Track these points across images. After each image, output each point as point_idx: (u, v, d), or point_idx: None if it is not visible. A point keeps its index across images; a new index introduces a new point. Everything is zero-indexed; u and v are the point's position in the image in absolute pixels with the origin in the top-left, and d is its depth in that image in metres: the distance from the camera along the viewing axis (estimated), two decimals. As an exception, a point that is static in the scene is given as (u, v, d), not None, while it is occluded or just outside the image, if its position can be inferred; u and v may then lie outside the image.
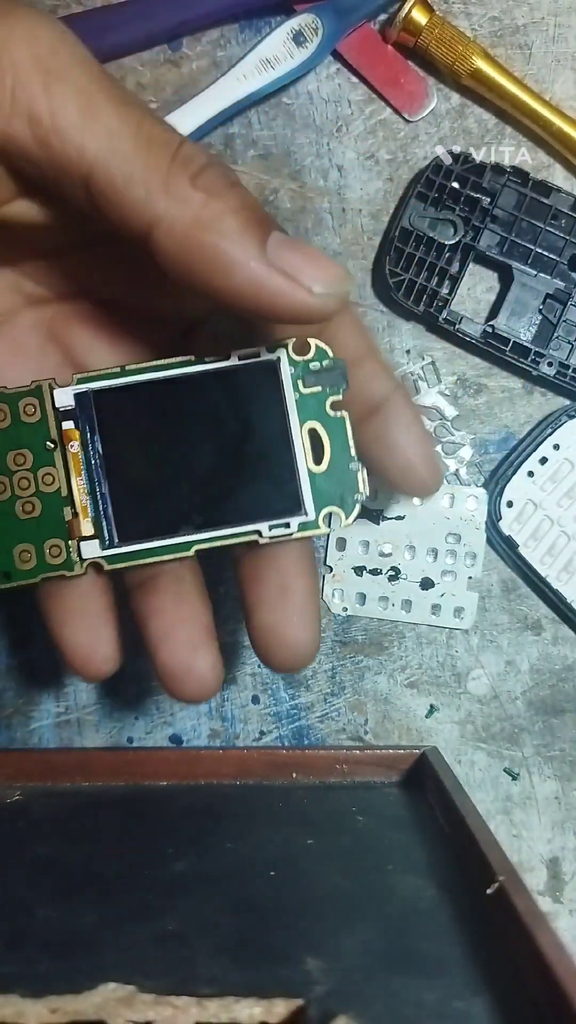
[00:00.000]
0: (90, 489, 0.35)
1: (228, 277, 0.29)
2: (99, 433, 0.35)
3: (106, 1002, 0.26)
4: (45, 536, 0.36)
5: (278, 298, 0.29)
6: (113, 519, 0.35)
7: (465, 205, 0.46)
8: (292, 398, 0.35)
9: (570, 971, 0.26)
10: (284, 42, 0.45)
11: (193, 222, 0.29)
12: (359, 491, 0.36)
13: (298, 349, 0.35)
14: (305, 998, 0.27)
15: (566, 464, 0.48)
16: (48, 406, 0.35)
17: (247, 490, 0.36)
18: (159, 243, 0.29)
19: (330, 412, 0.35)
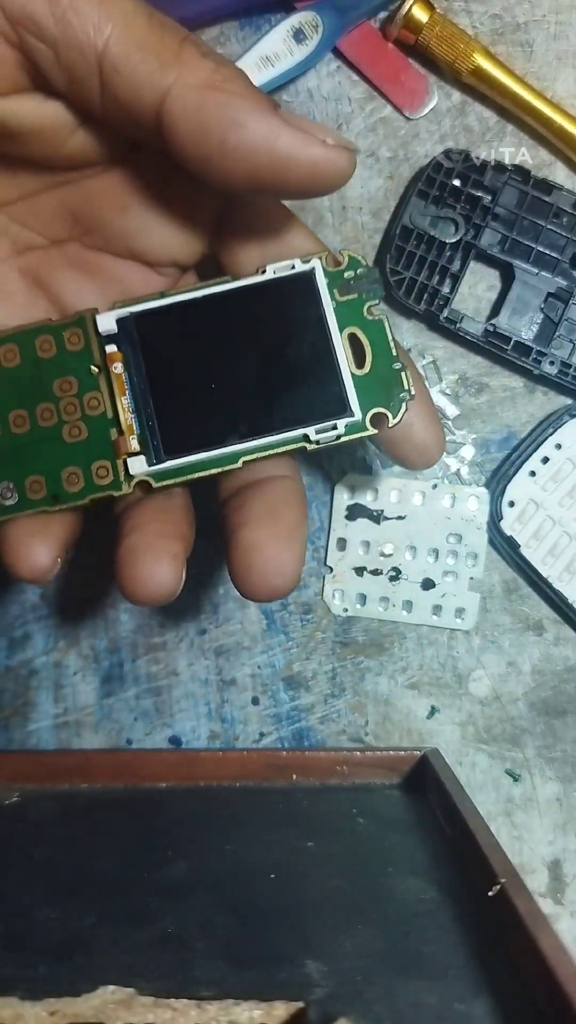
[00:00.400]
0: (135, 407, 0.36)
1: (244, 130, 0.30)
2: (142, 352, 0.36)
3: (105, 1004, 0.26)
4: (92, 458, 0.36)
5: (294, 149, 0.30)
6: (159, 434, 0.36)
7: (466, 203, 0.46)
8: (330, 305, 0.36)
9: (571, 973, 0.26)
10: (284, 39, 0.45)
11: (206, 83, 0.30)
12: (405, 389, 0.36)
13: (330, 262, 0.36)
14: (305, 1000, 0.27)
15: (568, 464, 0.48)
16: (91, 333, 0.36)
17: (292, 396, 0.36)
18: (173, 109, 0.30)
19: (368, 316, 0.36)
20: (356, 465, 0.50)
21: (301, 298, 0.36)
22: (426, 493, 0.49)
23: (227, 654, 0.50)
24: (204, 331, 0.36)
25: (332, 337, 0.35)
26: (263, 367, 0.36)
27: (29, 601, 0.51)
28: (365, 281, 0.36)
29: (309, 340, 0.36)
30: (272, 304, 0.36)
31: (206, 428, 0.36)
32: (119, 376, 0.36)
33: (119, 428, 0.36)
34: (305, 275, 0.35)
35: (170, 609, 0.50)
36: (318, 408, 0.36)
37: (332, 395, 0.36)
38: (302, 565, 0.35)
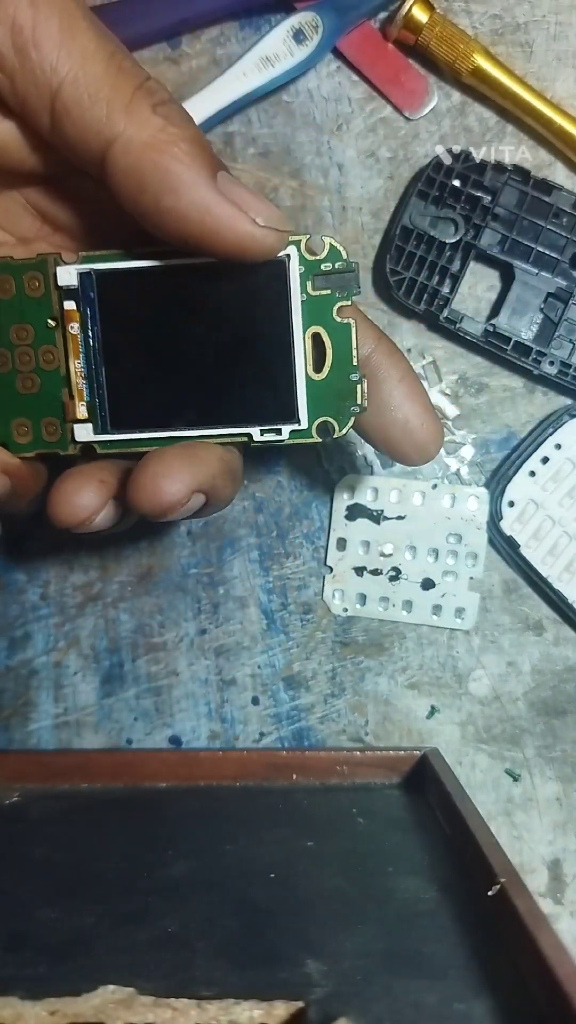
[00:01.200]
0: (87, 373, 0.36)
1: (177, 198, 0.30)
2: (99, 317, 0.35)
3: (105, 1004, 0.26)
4: (43, 413, 0.36)
5: (223, 223, 0.31)
6: (108, 405, 0.36)
7: (466, 203, 0.46)
8: (298, 300, 0.35)
9: (571, 973, 0.26)
10: (284, 40, 0.45)
11: (149, 142, 0.30)
12: (357, 403, 0.35)
13: (311, 248, 0.34)
14: (305, 1000, 0.27)
15: (568, 464, 0.48)
16: (51, 281, 0.35)
17: (242, 391, 0.35)
18: (114, 161, 0.31)
19: (336, 318, 0.35)
20: (356, 465, 0.50)
21: (271, 285, 0.35)
22: (426, 493, 0.49)
23: (227, 654, 0.50)
24: (166, 303, 0.35)
25: (294, 335, 0.35)
26: (219, 353, 0.35)
27: (30, 601, 0.51)
28: (341, 277, 0.35)
29: (271, 333, 0.35)
30: (240, 287, 0.35)
31: (154, 408, 0.36)
32: (75, 337, 0.35)
33: (70, 391, 0.36)
34: (278, 262, 0.34)
35: (170, 609, 0.50)
36: (266, 408, 0.35)
37: (283, 398, 0.35)
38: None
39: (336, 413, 0.35)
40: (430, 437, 0.37)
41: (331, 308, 0.35)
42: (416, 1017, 0.27)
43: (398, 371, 0.37)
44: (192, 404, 0.36)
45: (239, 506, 0.50)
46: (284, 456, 0.50)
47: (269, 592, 0.50)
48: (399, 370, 0.37)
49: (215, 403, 0.35)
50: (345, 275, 0.35)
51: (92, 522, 0.35)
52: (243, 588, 0.50)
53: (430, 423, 0.37)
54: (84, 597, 0.51)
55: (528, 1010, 0.27)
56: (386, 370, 0.37)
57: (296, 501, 0.50)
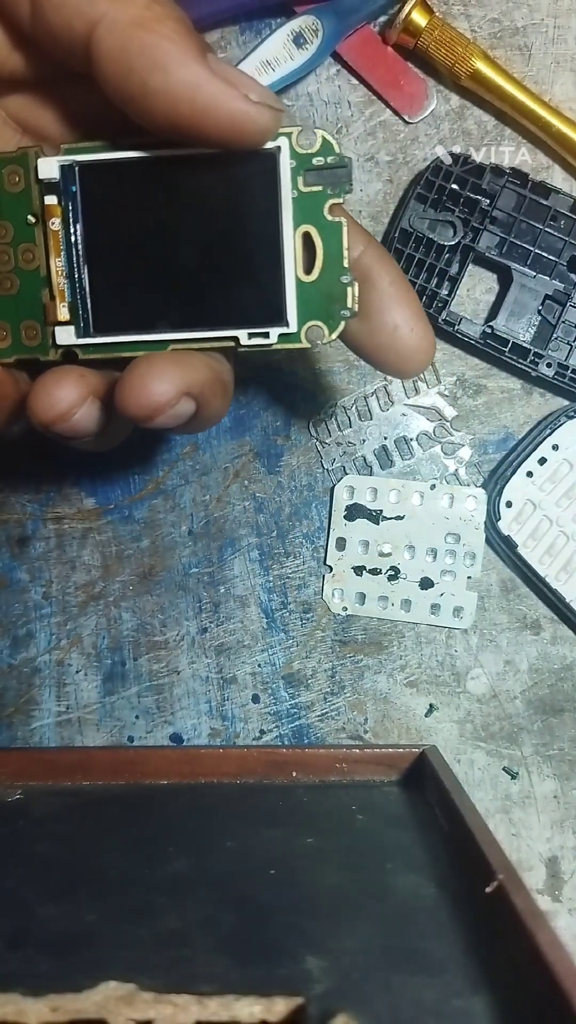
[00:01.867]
0: (68, 272, 0.34)
1: (166, 76, 0.29)
2: (82, 212, 0.34)
3: (107, 1000, 0.26)
4: (22, 316, 0.35)
5: (215, 100, 0.29)
6: (90, 307, 0.34)
7: (464, 206, 0.46)
8: (288, 196, 0.33)
9: (569, 969, 0.26)
10: (284, 44, 0.45)
11: (135, 20, 0.29)
12: (347, 306, 0.33)
13: (302, 141, 0.32)
14: (305, 996, 0.27)
15: (565, 464, 0.48)
16: (32, 176, 0.34)
17: (230, 292, 0.34)
18: (100, 43, 0.29)
19: (328, 216, 0.33)
20: (356, 466, 0.50)
21: (260, 180, 0.32)
22: (424, 493, 0.49)
23: (227, 652, 0.51)
24: (151, 198, 0.33)
25: (283, 234, 0.33)
26: (206, 252, 0.34)
27: (32, 600, 0.51)
28: (333, 173, 0.32)
29: (259, 231, 0.33)
30: (228, 181, 0.33)
31: (138, 309, 0.34)
32: (55, 233, 0.34)
33: (51, 292, 0.34)
34: (268, 155, 0.32)
35: (171, 608, 0.51)
36: (254, 311, 0.34)
37: (271, 300, 0.33)
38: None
39: (326, 317, 0.33)
40: (420, 344, 0.35)
41: (322, 206, 0.33)
42: (415, 1013, 0.27)
43: (388, 275, 0.35)
44: (178, 305, 0.34)
45: (239, 506, 0.50)
46: (284, 456, 0.50)
47: (269, 591, 0.50)
48: (389, 274, 0.35)
49: (202, 304, 0.34)
50: (337, 171, 0.33)
51: (72, 417, 0.33)
52: (243, 587, 0.50)
53: (420, 328, 0.35)
54: (86, 596, 0.51)
55: (526, 1006, 0.27)
56: (376, 273, 0.35)
57: (296, 501, 0.50)
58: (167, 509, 0.51)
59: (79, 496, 0.51)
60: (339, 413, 0.50)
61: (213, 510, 0.50)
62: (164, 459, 0.50)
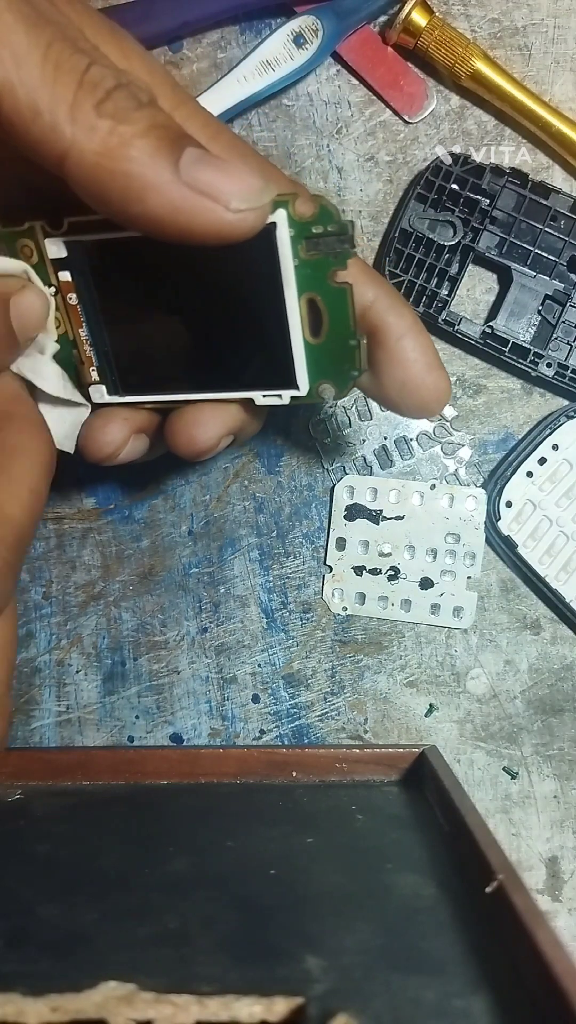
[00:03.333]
0: (92, 340, 0.36)
1: (143, 203, 0.29)
2: (95, 285, 0.35)
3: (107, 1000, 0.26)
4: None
5: (196, 219, 0.29)
6: (116, 371, 0.36)
7: (464, 206, 0.46)
8: (290, 266, 0.33)
9: (569, 969, 0.26)
10: (284, 44, 0.45)
11: (101, 151, 0.28)
12: (356, 367, 0.34)
13: (300, 209, 0.32)
14: (305, 996, 0.27)
15: (565, 464, 0.48)
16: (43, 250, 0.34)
17: (241, 357, 0.35)
18: (72, 173, 0.29)
19: (331, 283, 0.33)
20: (356, 466, 0.50)
21: (260, 253, 0.32)
22: (424, 493, 0.49)
23: (228, 652, 0.51)
24: (160, 270, 0.34)
25: (288, 304, 0.33)
26: (217, 319, 0.35)
27: (32, 600, 0.51)
28: (335, 240, 0.32)
29: (264, 299, 0.33)
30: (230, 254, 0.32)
31: (160, 372, 0.36)
32: (74, 307, 0.35)
33: (80, 357, 0.36)
34: (266, 230, 0.32)
35: (171, 608, 0.51)
36: (265, 374, 0.35)
37: (280, 365, 0.34)
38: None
39: (335, 377, 0.34)
40: (433, 394, 0.36)
41: (325, 272, 0.33)
42: (415, 1013, 0.27)
43: (399, 326, 0.35)
44: (195, 368, 0.36)
45: (239, 506, 0.50)
46: (284, 456, 0.50)
47: (269, 591, 0.50)
48: (400, 326, 0.35)
49: (217, 368, 0.35)
50: (340, 237, 0.32)
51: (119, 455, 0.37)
52: (243, 587, 0.50)
53: (432, 379, 0.35)
54: (86, 596, 0.51)
55: (526, 1006, 0.27)
56: (387, 326, 0.35)
57: (296, 501, 0.50)
58: (167, 509, 0.51)
59: (79, 496, 0.51)
60: (339, 413, 0.50)
61: (213, 510, 0.50)
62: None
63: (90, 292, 0.35)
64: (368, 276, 0.35)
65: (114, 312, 0.35)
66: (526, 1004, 0.27)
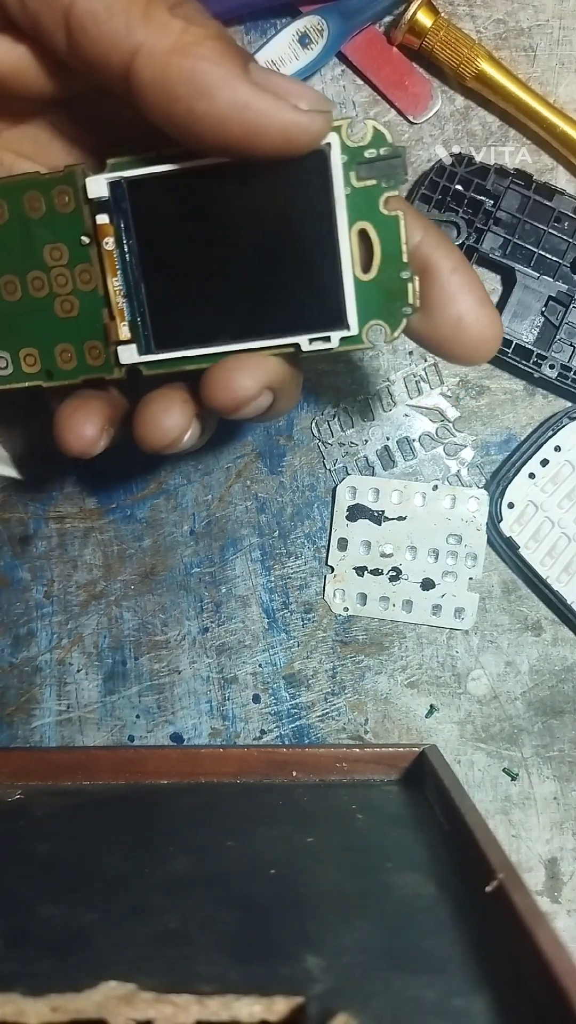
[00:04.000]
0: (126, 291, 0.34)
1: (212, 99, 0.28)
2: (134, 229, 0.33)
3: (107, 1000, 0.26)
4: (85, 337, 0.35)
5: (264, 117, 0.28)
6: (150, 324, 0.34)
7: (468, 207, 0.46)
8: (342, 193, 0.31)
9: (569, 969, 0.26)
10: (290, 44, 0.45)
11: (174, 46, 0.28)
12: (409, 303, 0.32)
13: (352, 134, 0.31)
14: (305, 995, 0.27)
15: (567, 466, 0.48)
16: (81, 195, 0.33)
17: (287, 298, 0.33)
18: (140, 73, 0.28)
19: (383, 210, 0.32)
20: (358, 466, 0.50)
21: (311, 180, 0.31)
22: (426, 494, 0.49)
23: (228, 652, 0.51)
24: (202, 208, 0.33)
25: (339, 233, 0.32)
26: (262, 259, 0.33)
27: (34, 599, 0.51)
28: (387, 164, 0.31)
29: (315, 232, 0.32)
30: (278, 184, 0.31)
31: (198, 322, 0.34)
32: (110, 253, 0.33)
33: (110, 311, 0.34)
34: (317, 153, 0.31)
35: (173, 607, 0.51)
36: (313, 315, 0.33)
37: (330, 303, 0.33)
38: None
39: (387, 315, 0.32)
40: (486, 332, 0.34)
41: (377, 200, 0.32)
42: (415, 1012, 0.27)
43: (449, 262, 0.34)
44: (237, 315, 0.33)
45: (241, 506, 0.50)
46: (287, 456, 0.50)
47: (271, 591, 0.50)
48: (450, 261, 0.34)
49: (260, 313, 0.33)
50: (392, 161, 0.31)
51: (181, 442, 0.35)
52: (245, 587, 0.50)
53: (485, 316, 0.34)
54: (87, 595, 0.51)
55: (526, 1006, 0.27)
56: (436, 263, 0.34)
57: (298, 501, 0.50)
58: (169, 509, 0.51)
59: (81, 495, 0.51)
60: (341, 414, 0.50)
61: (215, 510, 0.50)
62: (166, 459, 0.50)
63: (129, 234, 0.33)
64: (414, 214, 0.34)
65: (153, 256, 0.33)
66: (526, 1004, 0.27)
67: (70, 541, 0.51)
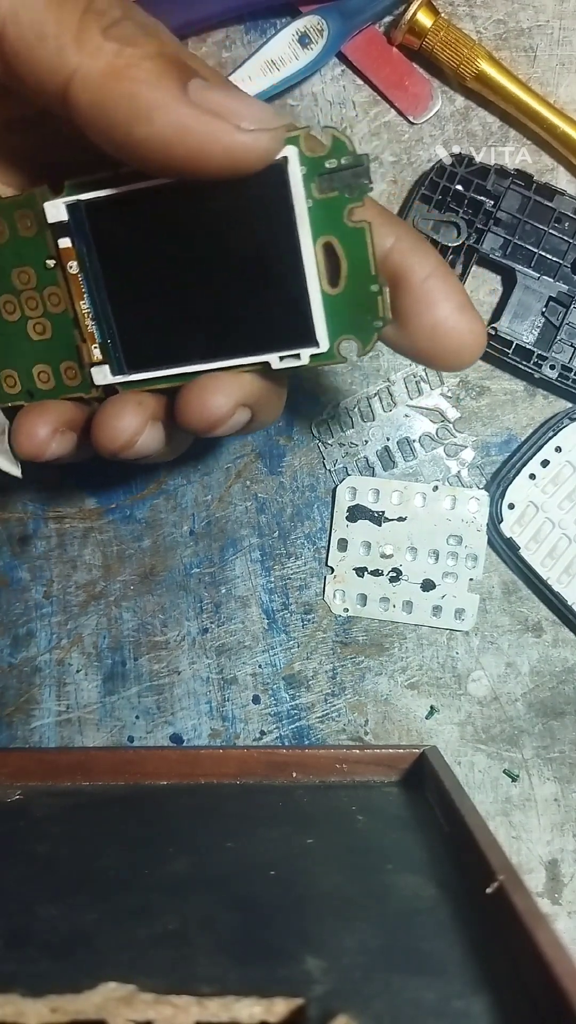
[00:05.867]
0: (95, 314, 0.33)
1: (150, 123, 0.27)
2: (96, 252, 0.33)
3: (106, 1001, 0.26)
4: (60, 357, 0.35)
5: (205, 140, 0.27)
6: (121, 346, 0.34)
7: (468, 208, 0.46)
8: (303, 207, 0.30)
9: (569, 970, 0.26)
10: (289, 44, 0.45)
11: (107, 72, 0.27)
12: (380, 316, 0.31)
13: (312, 144, 0.30)
14: (305, 997, 0.27)
15: (568, 467, 0.48)
16: (43, 219, 0.33)
17: (255, 316, 0.32)
18: (76, 98, 0.28)
19: (348, 222, 0.30)
20: (358, 467, 0.50)
21: (272, 195, 0.30)
22: (427, 495, 0.49)
23: (228, 653, 0.51)
24: (164, 228, 0.32)
25: (303, 249, 0.30)
26: (228, 275, 0.32)
27: (33, 599, 0.51)
28: (350, 174, 0.30)
29: (278, 248, 0.31)
30: (238, 198, 0.30)
31: (167, 343, 0.33)
32: (75, 276, 0.33)
33: (81, 334, 0.34)
34: (275, 166, 0.29)
35: (172, 608, 0.51)
36: (283, 333, 0.32)
37: (298, 320, 0.31)
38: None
39: (358, 330, 0.31)
40: (465, 337, 0.33)
41: (341, 212, 0.30)
42: (415, 1014, 0.27)
43: (424, 268, 0.32)
44: (206, 335, 0.33)
45: (241, 506, 0.50)
46: (287, 456, 0.50)
47: (270, 592, 0.50)
48: (425, 267, 0.32)
49: (229, 331, 0.33)
50: (356, 170, 0.30)
51: (135, 445, 0.34)
52: (245, 588, 0.50)
53: (464, 321, 0.32)
54: (87, 596, 0.51)
55: (526, 1007, 0.27)
56: (409, 268, 0.32)
57: (298, 502, 0.50)
58: (169, 509, 0.51)
59: (81, 495, 0.51)
60: (341, 414, 0.50)
61: (215, 510, 0.50)
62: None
63: (92, 258, 0.33)
64: (385, 218, 0.33)
65: (118, 278, 0.33)
66: (526, 1005, 0.27)
67: (69, 541, 0.51)
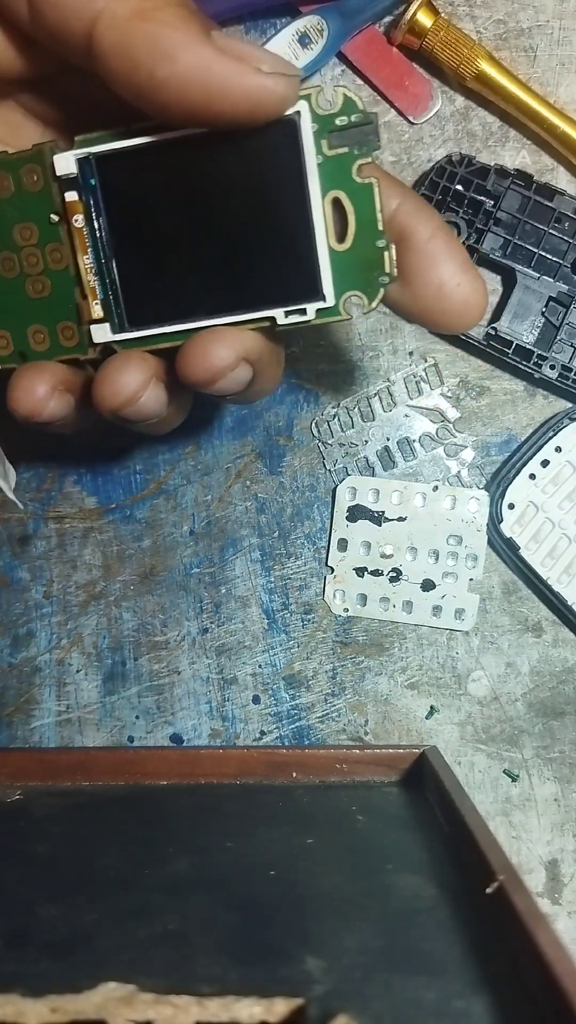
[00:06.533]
0: (97, 269, 0.33)
1: (173, 63, 0.28)
2: (103, 205, 0.33)
3: (106, 1001, 0.26)
4: (57, 317, 0.34)
5: (227, 81, 0.28)
6: (123, 302, 0.33)
7: (469, 208, 0.46)
8: (314, 162, 0.31)
9: (569, 970, 0.26)
10: (290, 43, 0.45)
11: (134, 11, 0.28)
12: (386, 272, 0.31)
13: (322, 102, 0.30)
14: (305, 997, 0.27)
15: (568, 467, 0.48)
16: (50, 172, 0.33)
17: (262, 271, 0.32)
18: (101, 39, 0.28)
19: (357, 178, 0.31)
20: (358, 467, 0.50)
21: (282, 149, 0.31)
22: (427, 495, 0.49)
23: (228, 653, 0.51)
24: (172, 182, 0.32)
25: (312, 203, 0.31)
26: (235, 230, 0.32)
27: (33, 599, 0.51)
28: (359, 131, 0.31)
29: (287, 203, 0.31)
30: (249, 153, 0.31)
31: (171, 299, 0.33)
32: (80, 231, 0.33)
33: (82, 290, 0.33)
34: (287, 122, 0.30)
35: (172, 608, 0.51)
36: (289, 287, 0.32)
37: (305, 275, 0.32)
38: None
39: (364, 286, 0.32)
40: (468, 298, 0.33)
41: (350, 168, 0.31)
42: (415, 1014, 0.27)
43: (427, 229, 0.33)
44: (210, 290, 0.33)
45: (241, 506, 0.50)
46: (287, 456, 0.50)
47: (270, 592, 0.50)
48: (428, 227, 0.33)
49: (235, 287, 0.33)
50: (363, 128, 0.30)
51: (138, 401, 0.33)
52: (245, 588, 0.50)
53: (467, 281, 0.33)
54: (87, 596, 0.51)
55: (526, 1007, 0.27)
56: (413, 229, 0.33)
57: (298, 502, 0.50)
58: (169, 509, 0.51)
59: (81, 495, 0.51)
60: (342, 414, 0.50)
61: (215, 510, 0.50)
62: (166, 459, 0.50)
63: (98, 211, 0.33)
64: (390, 181, 0.33)
65: (124, 233, 0.33)
66: (526, 1005, 0.27)
67: (69, 541, 0.51)
